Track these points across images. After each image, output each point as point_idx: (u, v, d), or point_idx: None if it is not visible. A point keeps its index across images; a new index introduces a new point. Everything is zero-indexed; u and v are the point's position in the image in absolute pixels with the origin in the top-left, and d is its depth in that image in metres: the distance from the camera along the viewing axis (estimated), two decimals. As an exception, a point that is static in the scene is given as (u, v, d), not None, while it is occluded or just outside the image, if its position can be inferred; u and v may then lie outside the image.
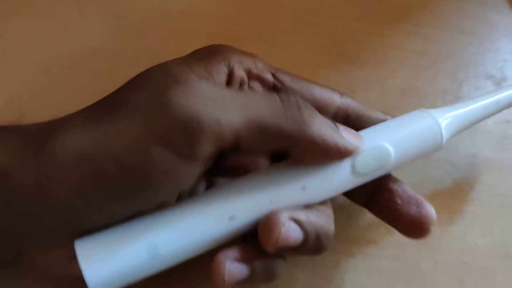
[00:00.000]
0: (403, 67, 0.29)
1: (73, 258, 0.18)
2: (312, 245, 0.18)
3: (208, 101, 0.16)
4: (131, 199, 0.16)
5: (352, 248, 0.24)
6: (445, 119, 0.21)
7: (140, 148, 0.16)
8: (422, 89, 0.29)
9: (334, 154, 0.18)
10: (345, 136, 0.18)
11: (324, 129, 0.17)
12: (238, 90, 0.18)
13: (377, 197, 0.20)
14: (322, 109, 0.20)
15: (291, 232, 0.17)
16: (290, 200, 0.18)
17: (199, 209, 0.18)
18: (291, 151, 0.18)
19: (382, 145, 0.19)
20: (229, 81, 0.20)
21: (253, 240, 0.18)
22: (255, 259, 0.17)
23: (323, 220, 0.18)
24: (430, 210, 0.19)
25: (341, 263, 0.23)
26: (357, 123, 0.21)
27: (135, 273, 0.17)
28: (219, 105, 0.16)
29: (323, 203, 0.19)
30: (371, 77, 0.29)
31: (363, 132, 0.20)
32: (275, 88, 0.21)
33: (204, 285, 0.22)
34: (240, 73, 0.20)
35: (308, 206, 0.18)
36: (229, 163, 0.20)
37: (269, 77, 0.21)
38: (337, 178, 0.19)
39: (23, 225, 0.18)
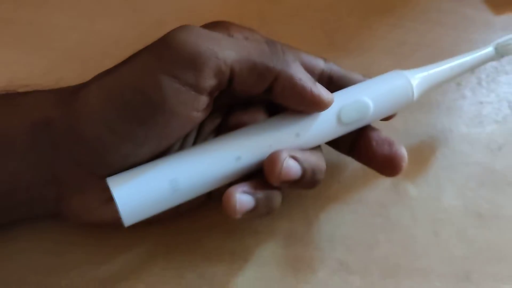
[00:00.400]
0: (386, 55, 0.33)
1: (105, 200, 0.21)
2: (309, 179, 0.21)
3: (206, 39, 0.19)
4: (150, 123, 0.19)
5: (342, 207, 0.27)
6: (416, 79, 0.24)
7: (151, 76, 0.19)
8: (404, 74, 0.32)
9: (309, 98, 0.21)
10: (321, 88, 0.21)
11: (303, 74, 0.21)
12: (231, 37, 0.21)
13: (357, 144, 0.24)
14: (308, 70, 0.23)
15: (291, 167, 0.21)
16: (286, 145, 0.21)
17: (212, 151, 0.21)
18: (274, 90, 0.21)
19: (363, 99, 0.23)
20: None
21: (256, 177, 0.21)
22: (260, 191, 0.21)
23: (317, 159, 0.22)
24: (401, 149, 0.23)
25: (332, 218, 0.27)
26: (339, 83, 0.25)
27: (159, 204, 0.20)
28: (216, 43, 0.19)
29: (315, 147, 0.23)
30: (358, 64, 0.32)
31: (347, 89, 0.23)
32: None
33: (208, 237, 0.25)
34: (239, 38, 0.23)
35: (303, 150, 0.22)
36: (233, 121, 0.24)
37: None
38: (326, 126, 0.22)
39: (63, 170, 0.21)
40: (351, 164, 0.28)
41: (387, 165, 0.23)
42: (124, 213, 0.19)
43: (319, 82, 0.24)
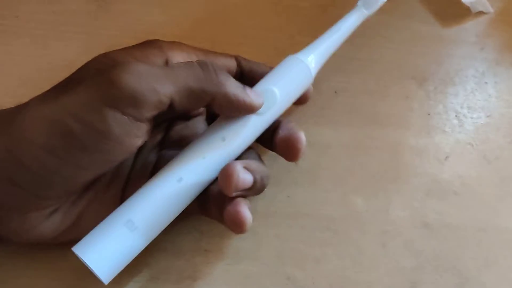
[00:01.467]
0: (336, 71, 0.34)
1: (45, 218, 0.22)
2: (259, 186, 0.23)
3: (146, 77, 0.21)
4: (93, 150, 0.20)
5: (291, 222, 0.28)
6: (310, 59, 0.27)
7: (95, 108, 0.20)
8: (353, 89, 0.33)
9: (243, 107, 0.23)
10: (251, 94, 0.23)
11: (235, 88, 0.23)
12: (167, 66, 0.23)
13: (274, 136, 0.26)
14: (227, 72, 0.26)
15: (245, 177, 0.22)
16: (216, 151, 0.23)
17: (154, 181, 0.22)
18: (213, 107, 0.23)
19: (269, 88, 0.25)
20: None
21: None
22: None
23: (263, 167, 0.24)
24: (299, 132, 0.25)
25: (281, 234, 0.27)
26: (249, 74, 0.28)
27: (128, 250, 0.21)
28: (155, 79, 0.21)
29: (256, 158, 0.24)
30: (310, 80, 0.33)
31: (257, 85, 0.26)
32: None
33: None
34: (176, 62, 0.24)
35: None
36: (174, 135, 0.25)
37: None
38: (246, 123, 0.24)
39: (3, 193, 0.21)
40: (300, 179, 0.29)
41: (286, 147, 0.25)
42: (102, 274, 0.20)
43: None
